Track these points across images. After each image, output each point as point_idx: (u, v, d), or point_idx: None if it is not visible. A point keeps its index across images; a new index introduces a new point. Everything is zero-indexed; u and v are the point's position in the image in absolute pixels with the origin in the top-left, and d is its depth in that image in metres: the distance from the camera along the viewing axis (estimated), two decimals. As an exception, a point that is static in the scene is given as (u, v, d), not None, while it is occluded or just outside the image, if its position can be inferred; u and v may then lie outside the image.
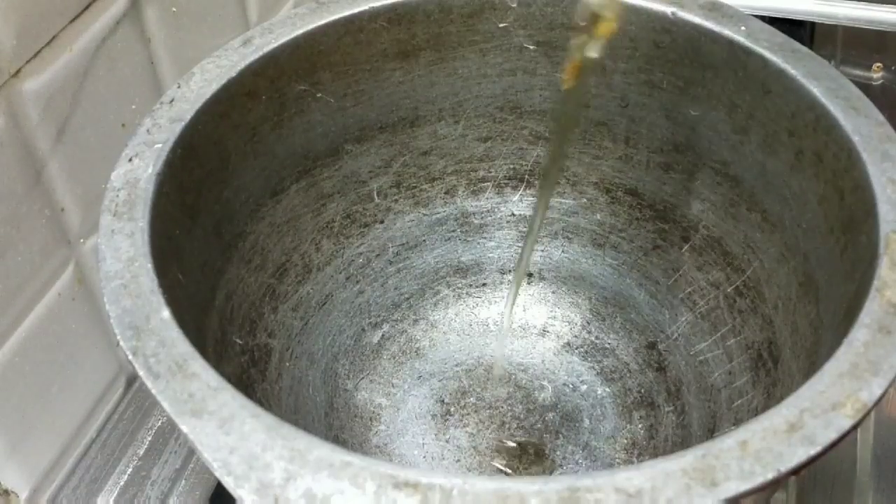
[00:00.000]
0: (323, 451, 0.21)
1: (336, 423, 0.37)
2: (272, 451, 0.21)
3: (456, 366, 0.41)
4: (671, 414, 0.37)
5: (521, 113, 0.39)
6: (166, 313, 0.24)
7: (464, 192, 0.41)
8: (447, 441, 0.38)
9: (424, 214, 0.41)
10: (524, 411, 0.39)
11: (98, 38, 0.35)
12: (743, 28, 0.33)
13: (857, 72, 0.58)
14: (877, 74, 0.58)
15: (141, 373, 0.23)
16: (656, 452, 0.37)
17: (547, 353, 0.41)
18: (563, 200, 0.41)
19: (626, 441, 0.38)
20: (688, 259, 0.38)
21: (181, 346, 0.23)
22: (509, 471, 0.37)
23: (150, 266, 0.25)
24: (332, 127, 0.37)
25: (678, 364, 0.38)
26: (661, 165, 0.38)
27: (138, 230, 0.26)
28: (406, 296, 0.42)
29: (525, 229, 0.42)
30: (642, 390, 0.39)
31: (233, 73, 0.32)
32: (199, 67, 0.32)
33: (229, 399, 0.22)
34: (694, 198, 0.37)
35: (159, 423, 0.41)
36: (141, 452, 0.40)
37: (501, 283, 0.43)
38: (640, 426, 0.38)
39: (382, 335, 0.41)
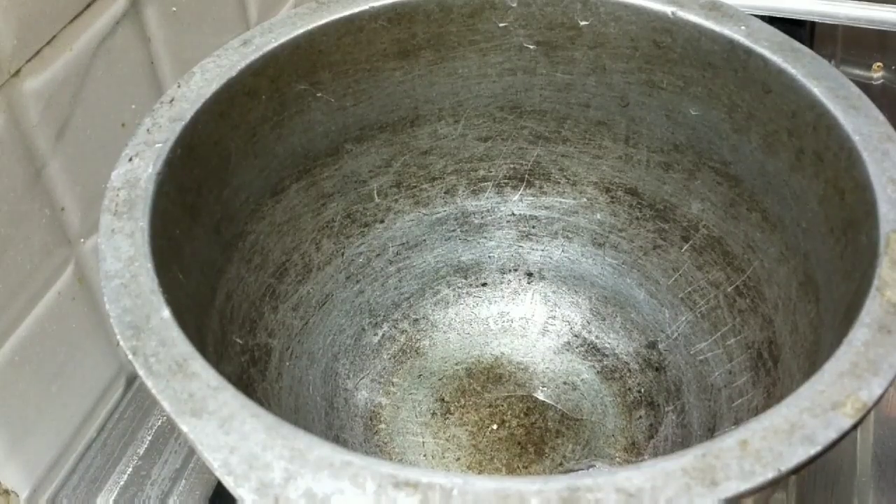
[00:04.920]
0: (323, 450, 0.21)
1: (336, 422, 0.37)
2: (272, 450, 0.21)
3: (456, 364, 0.41)
4: (671, 413, 0.37)
5: (521, 113, 0.39)
6: (166, 313, 0.24)
7: (464, 191, 0.41)
8: (447, 440, 0.38)
9: (424, 214, 0.41)
10: (524, 410, 0.39)
11: (98, 38, 0.35)
12: (743, 28, 0.33)
13: (857, 72, 0.58)
14: (877, 74, 0.58)
15: (141, 372, 0.23)
16: (656, 452, 0.37)
17: (547, 353, 0.41)
18: (563, 200, 0.41)
19: (626, 441, 0.38)
20: (688, 259, 0.38)
21: (181, 345, 0.23)
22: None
23: (150, 266, 0.25)
24: (332, 126, 0.37)
25: (678, 363, 0.38)
26: (661, 165, 0.38)
27: (138, 230, 0.26)
28: (406, 295, 0.42)
29: (525, 229, 0.42)
30: (642, 390, 0.39)
31: (233, 73, 0.32)
32: (199, 67, 0.32)
33: (229, 399, 0.22)
34: (694, 197, 0.37)
35: (159, 423, 0.41)
36: (141, 452, 0.40)
37: (501, 282, 0.43)
38: (640, 426, 0.38)
39: (382, 335, 0.41)
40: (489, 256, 0.43)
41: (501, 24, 0.37)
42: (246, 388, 0.32)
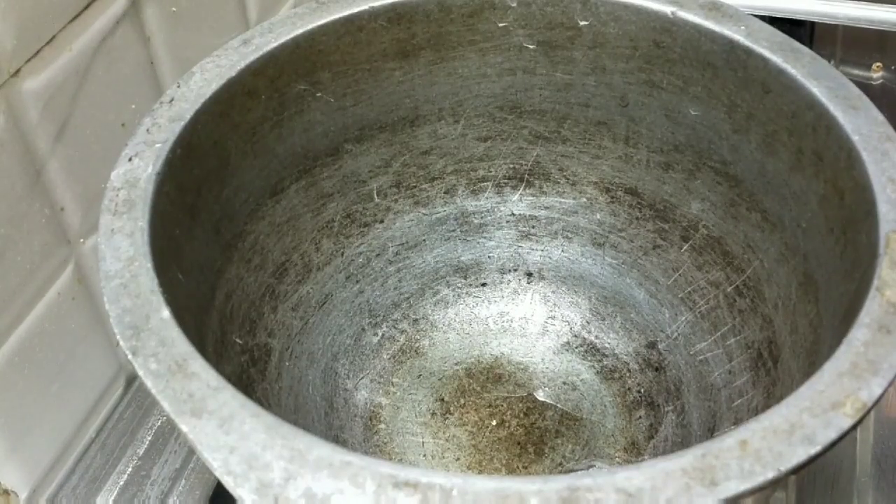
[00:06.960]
0: (323, 450, 0.21)
1: (336, 422, 0.37)
2: (272, 450, 0.21)
3: (456, 364, 0.41)
4: (671, 413, 0.37)
5: (521, 112, 0.39)
6: (166, 313, 0.24)
7: (464, 191, 0.41)
8: (447, 440, 0.38)
9: (424, 214, 0.41)
10: (524, 410, 0.39)
11: (98, 37, 0.35)
12: (743, 28, 0.33)
13: (857, 72, 0.58)
14: (877, 74, 0.58)
15: (141, 372, 0.23)
16: (656, 452, 0.37)
17: (547, 353, 0.41)
18: (563, 200, 0.41)
19: (625, 441, 0.38)
20: (688, 259, 0.38)
21: (181, 345, 0.23)
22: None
23: (149, 266, 0.25)
24: (331, 127, 0.37)
25: (678, 363, 0.38)
26: (660, 165, 0.38)
27: (138, 230, 0.26)
28: (406, 295, 0.42)
29: (525, 229, 0.42)
30: (642, 390, 0.39)
31: (233, 73, 0.32)
32: (199, 67, 0.32)
33: (229, 398, 0.22)
34: (694, 197, 0.37)
35: (159, 423, 0.41)
36: (141, 452, 0.40)
37: (501, 282, 0.43)
38: (639, 426, 0.38)
39: (382, 335, 0.41)
40: (489, 256, 0.43)
41: (501, 24, 0.37)
42: (246, 388, 0.32)
